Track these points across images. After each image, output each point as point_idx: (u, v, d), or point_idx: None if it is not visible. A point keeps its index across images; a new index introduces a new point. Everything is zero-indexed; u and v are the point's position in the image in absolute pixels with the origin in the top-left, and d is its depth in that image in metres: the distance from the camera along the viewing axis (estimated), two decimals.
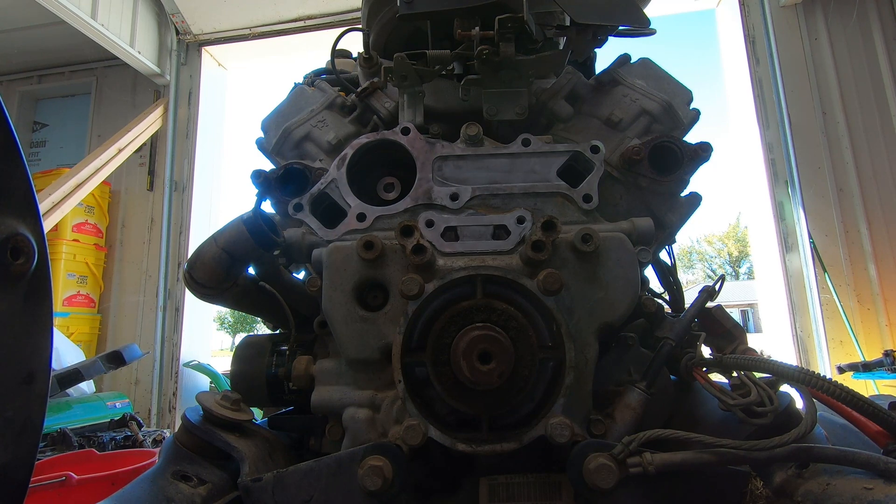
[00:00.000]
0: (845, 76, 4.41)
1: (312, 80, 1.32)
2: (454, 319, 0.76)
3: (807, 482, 0.68)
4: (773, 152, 4.44)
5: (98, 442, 2.92)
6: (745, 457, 0.67)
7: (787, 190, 4.33)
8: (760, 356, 0.79)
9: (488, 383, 0.72)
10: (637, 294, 0.83)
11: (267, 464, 0.83)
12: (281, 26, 5.43)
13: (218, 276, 0.98)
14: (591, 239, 0.81)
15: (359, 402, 0.83)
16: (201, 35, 5.56)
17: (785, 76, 4.43)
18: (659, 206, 0.99)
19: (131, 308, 5.11)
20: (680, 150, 0.97)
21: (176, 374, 4.98)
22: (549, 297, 0.77)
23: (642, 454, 0.69)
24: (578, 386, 0.79)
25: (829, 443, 0.77)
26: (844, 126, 4.33)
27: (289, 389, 0.97)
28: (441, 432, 0.75)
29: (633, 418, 0.80)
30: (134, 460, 2.33)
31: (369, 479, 0.70)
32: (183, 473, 0.79)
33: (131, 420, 3.25)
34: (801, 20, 4.51)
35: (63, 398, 3.17)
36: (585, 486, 0.70)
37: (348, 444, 0.82)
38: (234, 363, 1.02)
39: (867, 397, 0.68)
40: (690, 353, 0.86)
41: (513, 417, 0.80)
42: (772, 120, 4.45)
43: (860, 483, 0.61)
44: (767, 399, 0.73)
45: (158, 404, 4.92)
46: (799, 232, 4.23)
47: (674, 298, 1.10)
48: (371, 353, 0.82)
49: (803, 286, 4.17)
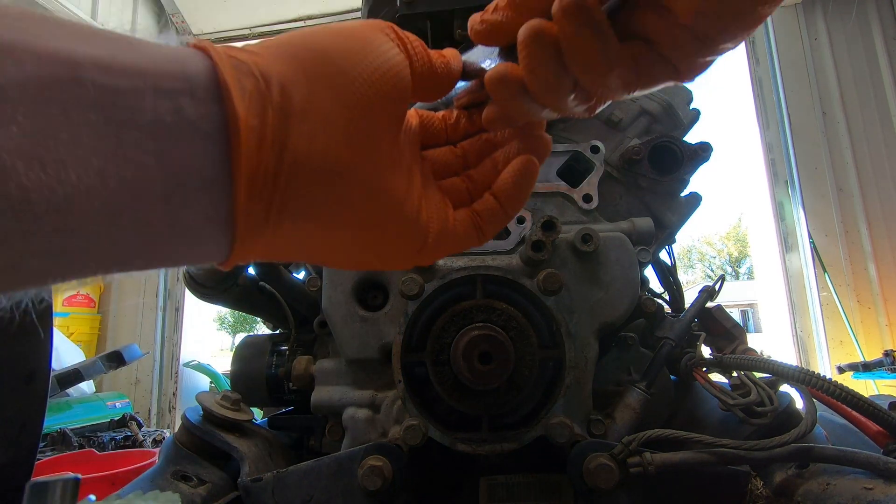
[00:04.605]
0: (845, 76, 4.41)
1: None
2: (454, 319, 0.76)
3: (807, 482, 0.68)
4: (773, 152, 4.44)
5: (98, 442, 2.92)
6: (745, 457, 0.67)
7: (787, 190, 4.33)
8: (760, 356, 0.79)
9: (488, 383, 0.72)
10: (637, 294, 0.83)
11: (267, 464, 0.83)
12: (281, 26, 5.43)
13: (218, 276, 0.99)
14: (591, 239, 0.81)
15: (359, 402, 0.83)
16: (201, 35, 5.56)
17: (785, 76, 4.43)
18: (659, 206, 0.99)
19: (131, 308, 5.11)
20: (680, 150, 0.97)
21: (176, 374, 4.98)
22: (549, 297, 0.77)
23: (642, 454, 0.69)
24: (578, 386, 0.79)
25: (829, 443, 0.77)
26: (844, 126, 4.33)
27: (289, 389, 0.97)
28: (441, 432, 0.75)
29: (633, 418, 0.80)
30: (134, 460, 2.33)
31: (369, 479, 0.70)
32: (183, 473, 0.79)
33: (131, 420, 3.25)
34: (800, 20, 4.51)
35: (63, 398, 3.17)
36: (585, 486, 0.70)
37: (348, 444, 0.82)
38: (234, 363, 1.02)
39: (867, 397, 0.68)
40: (690, 353, 0.86)
41: (513, 417, 0.80)
42: (772, 120, 4.45)
43: (860, 483, 0.61)
44: (767, 399, 0.73)
45: (158, 404, 4.92)
46: (799, 232, 4.23)
47: (674, 298, 1.10)
48: (371, 353, 0.82)
49: (803, 286, 4.17)
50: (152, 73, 0.22)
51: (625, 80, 0.30)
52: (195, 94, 0.23)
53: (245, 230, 0.26)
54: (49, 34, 0.20)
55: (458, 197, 0.37)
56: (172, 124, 0.22)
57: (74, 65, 0.20)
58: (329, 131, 0.27)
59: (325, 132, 0.27)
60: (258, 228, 0.26)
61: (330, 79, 0.27)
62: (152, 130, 0.22)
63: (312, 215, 0.28)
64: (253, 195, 0.25)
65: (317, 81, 0.27)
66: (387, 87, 0.29)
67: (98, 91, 0.20)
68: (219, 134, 0.24)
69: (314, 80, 0.27)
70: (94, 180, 0.20)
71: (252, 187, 0.25)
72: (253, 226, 0.26)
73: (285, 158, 0.26)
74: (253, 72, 0.25)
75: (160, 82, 0.22)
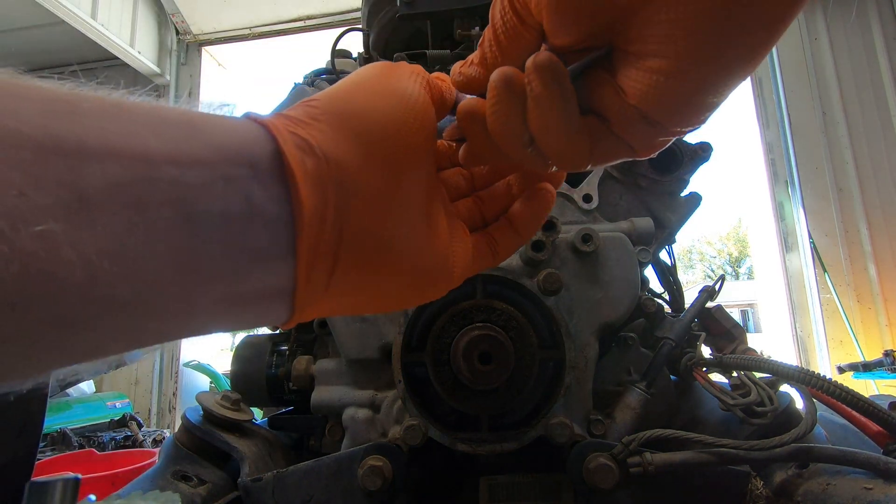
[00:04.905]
0: (845, 76, 4.41)
1: (312, 80, 1.32)
2: (454, 319, 0.76)
3: (807, 482, 0.68)
4: (773, 152, 4.44)
5: (98, 442, 2.92)
6: (745, 457, 0.67)
7: (787, 190, 4.33)
8: (760, 356, 0.79)
9: (488, 383, 0.72)
10: (637, 294, 0.83)
11: (267, 464, 0.83)
12: (281, 26, 5.44)
13: None
14: (591, 239, 0.81)
15: (359, 402, 0.83)
16: (201, 35, 5.57)
17: (785, 76, 4.44)
18: (659, 206, 0.99)
19: None
20: (680, 150, 0.97)
21: (176, 374, 4.99)
22: (549, 297, 0.77)
23: (642, 454, 0.69)
24: (578, 386, 0.79)
25: (829, 443, 0.77)
26: (844, 126, 4.34)
27: (289, 389, 0.97)
28: (441, 432, 0.75)
29: (633, 418, 0.80)
30: (134, 460, 2.34)
31: (369, 480, 0.70)
32: (183, 473, 0.79)
33: (131, 420, 3.26)
34: (800, 20, 4.51)
35: (63, 398, 3.17)
36: (585, 486, 0.70)
37: (348, 444, 0.82)
38: (234, 363, 1.02)
39: (867, 397, 0.68)
40: (690, 353, 0.86)
41: (513, 417, 0.80)
42: (772, 120, 4.46)
43: (860, 483, 0.61)
44: (767, 399, 0.73)
45: (158, 404, 4.92)
46: (799, 232, 4.23)
47: (674, 298, 1.10)
48: (371, 353, 0.82)
49: (803, 286, 4.18)
50: (221, 161, 0.24)
51: (579, 151, 0.30)
52: (260, 178, 0.25)
53: (304, 301, 0.27)
54: (126, 131, 0.21)
55: (472, 220, 0.38)
56: (241, 213, 0.24)
57: (150, 163, 0.21)
58: (383, 199, 0.29)
59: (380, 201, 0.28)
60: (316, 297, 0.28)
61: (379, 144, 0.29)
62: (223, 220, 0.23)
63: (367, 281, 0.30)
64: (313, 271, 0.27)
65: (370, 155, 0.28)
66: (424, 142, 0.31)
67: (171, 187, 0.21)
68: (284, 217, 0.25)
69: (369, 155, 0.28)
70: (170, 270, 0.21)
71: (313, 264, 0.26)
72: (311, 297, 0.28)
73: (344, 236, 0.27)
74: (315, 150, 0.26)
75: (229, 171, 0.24)
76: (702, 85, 0.26)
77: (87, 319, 0.19)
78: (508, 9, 0.30)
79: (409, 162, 0.30)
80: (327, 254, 0.27)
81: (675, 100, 0.27)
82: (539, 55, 0.28)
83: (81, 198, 0.19)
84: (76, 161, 0.19)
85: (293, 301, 0.27)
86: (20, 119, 0.19)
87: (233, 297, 0.25)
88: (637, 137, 0.29)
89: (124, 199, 0.20)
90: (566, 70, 0.28)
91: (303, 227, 0.25)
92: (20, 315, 0.18)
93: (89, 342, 0.20)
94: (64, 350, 0.20)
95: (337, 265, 0.27)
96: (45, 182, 0.18)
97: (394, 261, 0.30)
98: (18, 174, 0.17)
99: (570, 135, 0.29)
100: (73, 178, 0.19)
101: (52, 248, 0.18)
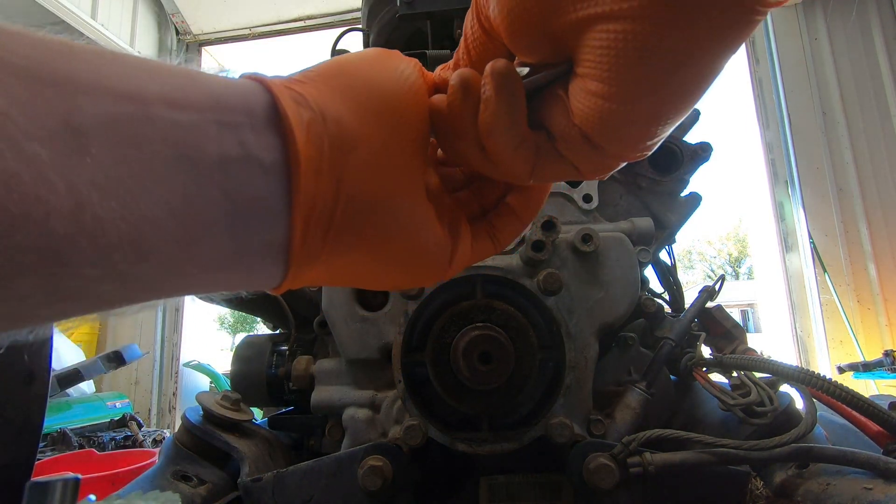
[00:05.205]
0: (845, 76, 4.41)
1: None
2: (454, 319, 0.76)
3: (807, 482, 0.68)
4: (773, 152, 4.44)
5: (98, 442, 2.92)
6: (745, 457, 0.67)
7: (787, 190, 4.33)
8: (760, 356, 0.79)
9: (488, 383, 0.72)
10: (637, 294, 0.83)
11: (267, 464, 0.83)
12: (281, 26, 5.43)
13: None
14: (591, 239, 0.81)
15: (359, 402, 0.83)
16: (201, 35, 5.57)
17: (785, 76, 4.43)
18: (659, 206, 0.99)
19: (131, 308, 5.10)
20: (680, 150, 0.97)
21: (176, 374, 4.99)
22: (549, 297, 0.77)
23: (642, 454, 0.69)
24: (578, 386, 0.79)
25: (829, 443, 0.77)
26: (844, 126, 4.33)
27: (289, 389, 0.97)
28: (441, 432, 0.75)
29: (633, 418, 0.80)
30: (134, 460, 2.34)
31: (369, 479, 0.70)
32: (183, 473, 0.79)
33: (131, 420, 3.26)
34: (800, 20, 4.51)
35: (63, 398, 3.17)
36: (585, 486, 0.70)
37: (348, 444, 0.82)
38: (234, 363, 1.02)
39: (867, 397, 0.68)
40: (690, 353, 0.86)
41: (513, 417, 0.80)
42: (772, 120, 4.45)
43: (860, 483, 0.61)
44: (767, 399, 0.73)
45: (158, 404, 4.92)
46: (799, 232, 4.23)
47: (674, 298, 1.10)
48: (371, 353, 0.82)
49: (803, 286, 4.18)
50: (216, 107, 0.23)
51: (522, 161, 0.30)
52: (256, 126, 0.24)
53: (299, 260, 0.27)
54: (121, 73, 0.21)
55: (470, 210, 0.38)
56: (237, 158, 0.23)
57: (145, 102, 0.21)
58: (378, 160, 0.28)
59: (375, 161, 0.28)
60: (312, 258, 0.27)
61: (375, 106, 0.29)
62: (220, 163, 0.23)
63: (362, 245, 0.29)
64: (310, 226, 0.26)
65: (366, 116, 0.28)
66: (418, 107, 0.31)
67: (167, 126, 0.21)
68: (279, 166, 0.25)
69: (365, 116, 0.28)
70: (164, 211, 0.21)
71: (309, 219, 0.26)
72: (307, 255, 0.27)
73: (342, 190, 0.27)
74: (310, 104, 0.26)
75: (224, 116, 0.23)
76: (640, 113, 0.26)
77: (74, 254, 0.19)
78: (476, 25, 0.31)
79: (405, 130, 0.30)
80: (323, 209, 0.26)
81: (615, 125, 0.27)
82: (497, 61, 0.28)
83: (71, 127, 0.18)
84: (67, 92, 0.19)
85: (288, 258, 0.26)
86: (7, 49, 0.18)
87: (227, 250, 0.24)
88: (580, 158, 0.30)
89: (117, 133, 0.20)
90: (520, 78, 0.29)
91: (299, 178, 0.25)
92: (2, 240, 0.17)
93: (77, 282, 0.20)
94: (48, 289, 0.19)
95: (332, 223, 0.27)
96: (31, 108, 0.18)
97: (390, 225, 0.29)
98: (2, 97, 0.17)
99: (515, 142, 0.30)
100: (64, 109, 0.18)
101: (37, 172, 0.17)
